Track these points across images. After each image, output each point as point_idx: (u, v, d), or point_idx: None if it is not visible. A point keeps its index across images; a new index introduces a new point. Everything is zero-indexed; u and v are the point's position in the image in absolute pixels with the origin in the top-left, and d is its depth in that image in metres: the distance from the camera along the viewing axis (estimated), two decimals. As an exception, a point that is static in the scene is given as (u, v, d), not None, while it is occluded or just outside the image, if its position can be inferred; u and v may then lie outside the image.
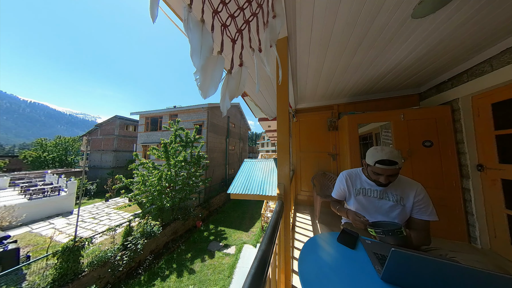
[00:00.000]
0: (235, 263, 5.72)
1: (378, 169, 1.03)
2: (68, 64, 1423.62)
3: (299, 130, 3.46)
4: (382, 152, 1.02)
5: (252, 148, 44.73)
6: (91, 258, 4.72)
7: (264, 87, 2.54)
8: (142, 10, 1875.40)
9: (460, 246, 1.85)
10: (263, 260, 0.53)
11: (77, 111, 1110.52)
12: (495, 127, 1.70)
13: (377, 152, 1.04)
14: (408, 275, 0.64)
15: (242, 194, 4.35)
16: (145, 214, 6.77)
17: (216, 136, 12.70)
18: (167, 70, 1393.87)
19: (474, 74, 1.80)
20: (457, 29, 1.37)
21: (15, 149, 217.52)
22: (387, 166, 0.99)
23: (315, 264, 0.80)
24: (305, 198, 3.25)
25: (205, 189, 10.50)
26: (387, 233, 0.91)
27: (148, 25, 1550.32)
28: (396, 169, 1.00)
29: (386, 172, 1.01)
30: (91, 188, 13.97)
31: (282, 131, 1.22)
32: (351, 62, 1.88)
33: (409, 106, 2.59)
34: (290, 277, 1.25)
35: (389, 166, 0.99)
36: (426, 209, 1.03)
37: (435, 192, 1.99)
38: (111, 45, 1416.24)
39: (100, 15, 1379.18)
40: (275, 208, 0.98)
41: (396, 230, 0.90)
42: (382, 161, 1.00)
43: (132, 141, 17.86)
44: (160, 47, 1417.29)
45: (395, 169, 1.00)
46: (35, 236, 7.39)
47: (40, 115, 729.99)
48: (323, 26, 1.35)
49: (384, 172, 1.01)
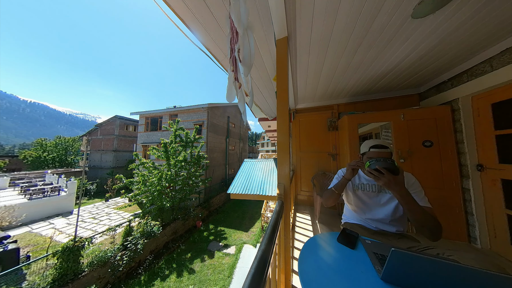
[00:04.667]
0: (235, 263, 5.72)
1: (373, 153, 1.13)
2: (68, 64, 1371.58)
3: (299, 130, 3.46)
4: (374, 140, 1.18)
5: (252, 148, 44.74)
6: (91, 258, 4.72)
7: (264, 87, 2.54)
8: (142, 10, 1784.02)
9: (460, 246, 1.85)
10: (263, 260, 0.53)
11: (77, 111, 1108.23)
12: (495, 127, 1.70)
13: (370, 141, 1.19)
14: (408, 275, 0.64)
15: (242, 194, 4.34)
16: (145, 214, 6.77)
17: (216, 136, 12.70)
18: (167, 70, 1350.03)
19: (474, 74, 1.80)
20: (457, 29, 1.37)
21: (15, 149, 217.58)
22: (380, 149, 1.12)
23: (315, 264, 0.80)
24: (305, 198, 3.24)
25: (205, 189, 10.50)
26: (379, 160, 1.01)
27: (148, 25, 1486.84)
28: (388, 153, 1.11)
29: (380, 155, 1.10)
30: (91, 188, 13.98)
31: (282, 131, 1.21)
32: (351, 62, 1.88)
33: (409, 106, 2.59)
34: (290, 277, 1.24)
35: (382, 149, 1.12)
36: (419, 194, 1.05)
37: (435, 192, 1.99)
38: (111, 45, 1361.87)
39: (100, 15, 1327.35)
40: (275, 208, 0.98)
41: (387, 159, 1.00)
42: (376, 145, 1.14)
43: (132, 141, 17.86)
44: (160, 47, 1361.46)
45: (388, 153, 1.11)
46: (35, 236, 7.39)
47: (40, 115, 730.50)
48: (323, 26, 1.35)
49: (378, 155, 1.10)
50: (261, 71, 2.05)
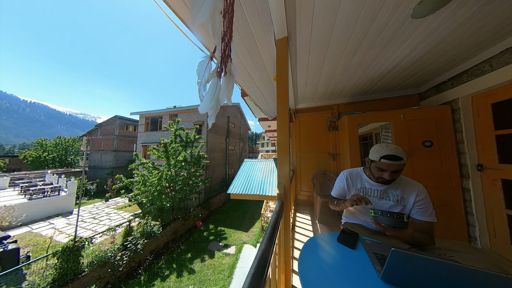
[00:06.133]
0: (235, 263, 5.72)
1: (383, 165, 1.03)
2: (68, 64, 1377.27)
3: (299, 130, 3.46)
4: (388, 148, 1.03)
5: (252, 148, 44.72)
6: (91, 258, 4.72)
7: (264, 87, 2.54)
8: (143, 10, 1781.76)
9: (460, 246, 1.85)
10: (263, 260, 0.53)
11: (77, 111, 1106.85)
12: (495, 127, 1.70)
13: (382, 148, 1.05)
14: (408, 275, 0.64)
15: (242, 194, 4.34)
16: (145, 214, 6.77)
17: (216, 136, 12.70)
18: (167, 70, 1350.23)
19: (474, 74, 1.80)
20: (457, 29, 1.37)
21: (15, 149, 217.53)
22: (393, 161, 0.99)
23: (315, 264, 0.80)
24: (305, 198, 3.24)
25: (205, 189, 10.50)
26: (385, 214, 0.93)
27: (148, 25, 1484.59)
28: (401, 165, 1.00)
29: (391, 167, 1.01)
30: (91, 188, 13.98)
31: (282, 131, 1.21)
32: (351, 62, 1.88)
33: (409, 106, 2.59)
34: (290, 277, 1.24)
35: (394, 161, 0.99)
36: (426, 211, 1.02)
37: (435, 192, 1.99)
38: (111, 45, 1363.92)
39: (100, 15, 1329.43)
40: (275, 208, 0.98)
41: (395, 214, 0.92)
42: (388, 156, 1.00)
43: (132, 141, 17.86)
44: (160, 47, 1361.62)
45: (400, 165, 1.00)
46: (35, 236, 7.39)
47: (40, 115, 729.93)
48: (323, 26, 1.35)
49: (389, 168, 1.01)
50: (261, 71, 2.05)
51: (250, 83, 2.39)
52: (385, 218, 0.93)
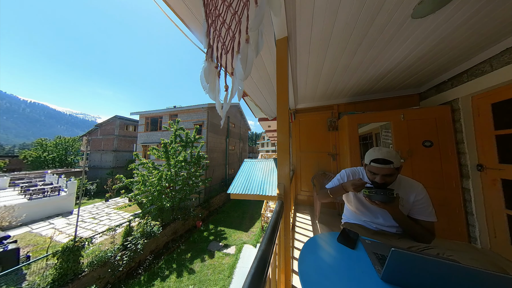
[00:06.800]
0: (235, 263, 5.72)
1: (373, 168, 1.03)
2: (68, 64, 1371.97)
3: (299, 130, 3.46)
4: (379, 152, 1.02)
5: (252, 148, 44.72)
6: (91, 258, 4.72)
7: (264, 87, 2.54)
8: (143, 10, 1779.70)
9: (460, 246, 1.85)
10: (263, 260, 0.53)
11: (77, 111, 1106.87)
12: (495, 127, 1.70)
13: (374, 151, 1.05)
14: (408, 275, 0.64)
15: (242, 194, 4.35)
16: (145, 214, 6.77)
17: (216, 136, 12.70)
18: (167, 70, 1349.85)
19: (474, 74, 1.80)
20: (457, 29, 1.37)
21: (15, 149, 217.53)
22: (381, 165, 0.99)
23: (315, 264, 0.80)
24: (305, 198, 3.24)
25: (205, 189, 10.50)
26: (378, 193, 0.98)
27: (148, 25, 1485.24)
28: (391, 169, 0.98)
29: (380, 171, 1.00)
30: (91, 188, 13.98)
31: (282, 131, 1.21)
32: (351, 62, 1.88)
33: (409, 106, 2.59)
34: (290, 277, 1.24)
35: (383, 165, 0.98)
36: (425, 210, 1.03)
37: (435, 192, 1.99)
38: (111, 45, 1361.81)
39: (100, 15, 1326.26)
40: (275, 208, 0.98)
41: (387, 191, 0.97)
42: (377, 159, 1.01)
43: (132, 141, 17.86)
44: (160, 47, 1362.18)
45: (390, 169, 0.98)
46: (35, 236, 7.39)
47: (40, 115, 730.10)
48: (323, 26, 1.35)
49: (378, 171, 1.01)
50: (261, 71, 2.05)
51: (250, 83, 2.39)
52: (378, 195, 0.98)
